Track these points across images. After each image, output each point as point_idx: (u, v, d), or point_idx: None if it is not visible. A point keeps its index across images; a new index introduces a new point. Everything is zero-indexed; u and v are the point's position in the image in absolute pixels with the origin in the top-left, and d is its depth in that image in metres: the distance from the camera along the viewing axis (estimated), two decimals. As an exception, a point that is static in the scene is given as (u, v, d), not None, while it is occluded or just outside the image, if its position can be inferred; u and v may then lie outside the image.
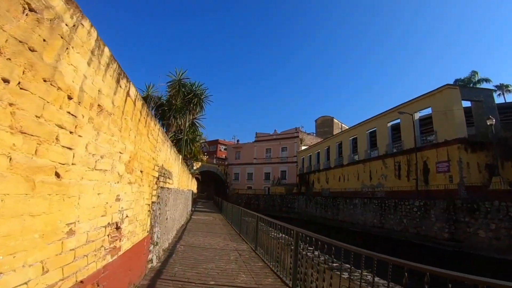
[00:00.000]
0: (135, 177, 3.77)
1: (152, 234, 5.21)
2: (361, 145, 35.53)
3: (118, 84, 2.89)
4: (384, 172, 30.26)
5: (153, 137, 4.84)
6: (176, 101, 18.19)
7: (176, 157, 8.76)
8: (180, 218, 11.86)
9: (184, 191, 13.55)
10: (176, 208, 9.54)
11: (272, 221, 6.36)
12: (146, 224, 4.70)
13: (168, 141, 6.64)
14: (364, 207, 28.50)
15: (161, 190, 5.95)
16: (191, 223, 14.08)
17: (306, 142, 62.39)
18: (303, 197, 43.72)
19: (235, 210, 13.42)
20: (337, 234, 27.86)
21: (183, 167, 11.71)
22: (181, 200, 11.58)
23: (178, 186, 9.79)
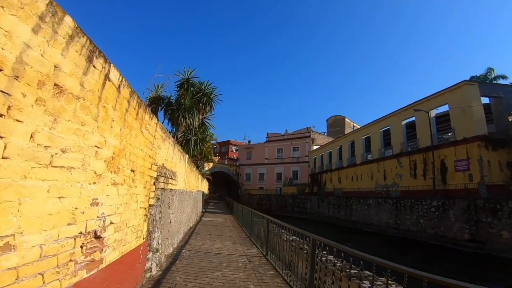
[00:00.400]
0: (123, 177, 3.26)
1: (151, 241, 4.69)
2: (374, 144, 34.53)
3: (90, 63, 2.37)
4: (399, 171, 29.26)
5: (148, 132, 4.33)
6: (185, 101, 17.79)
7: (182, 156, 8.27)
8: (188, 220, 11.39)
9: (193, 193, 13.07)
10: (182, 211, 9.05)
11: (285, 225, 5.75)
12: (142, 230, 4.19)
13: (170, 138, 6.13)
14: (379, 207, 27.68)
15: (161, 192, 5.45)
16: (200, 225, 13.60)
17: (318, 141, 61.46)
18: (315, 197, 42.94)
19: (245, 211, 12.89)
20: (351, 234, 27.14)
21: (190, 167, 11.23)
22: (188, 202, 11.10)
23: (185, 188, 9.31)
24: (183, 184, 8.77)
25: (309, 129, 59.90)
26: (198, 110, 18.65)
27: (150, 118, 4.40)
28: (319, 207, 40.63)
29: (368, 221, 29.10)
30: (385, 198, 27.48)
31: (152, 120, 4.54)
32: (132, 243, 3.75)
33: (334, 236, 25.89)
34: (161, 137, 5.19)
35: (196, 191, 14.87)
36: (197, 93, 19.10)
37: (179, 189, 8.00)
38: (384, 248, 21.18)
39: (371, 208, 28.83)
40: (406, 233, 23.83)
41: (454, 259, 17.41)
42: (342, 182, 40.68)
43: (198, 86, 19.71)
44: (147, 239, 4.48)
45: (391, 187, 29.92)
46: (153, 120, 4.56)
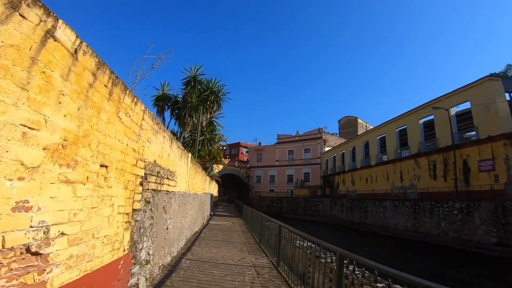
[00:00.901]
0: (84, 173, 2.47)
1: (136, 252, 3.89)
2: (390, 144, 33.24)
3: (14, 10, 1.61)
4: (417, 172, 27.93)
5: (131, 120, 3.54)
6: (192, 99, 17.09)
7: (183, 154, 7.49)
8: (192, 225, 10.62)
9: (198, 195, 12.30)
10: (184, 215, 8.26)
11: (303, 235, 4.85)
12: (122, 240, 3.39)
13: (166, 132, 5.34)
14: (396, 210, 26.51)
15: (153, 194, 4.65)
16: (207, 230, 12.81)
17: (330, 143, 60.20)
18: (327, 199, 41.78)
19: (254, 215, 12.03)
20: (366, 238, 26.03)
21: (195, 168, 10.44)
22: (193, 205, 10.33)
23: (187, 189, 8.54)
24: (184, 186, 7.98)
25: (321, 130, 58.69)
26: (205, 108, 17.93)
27: (134, 103, 3.61)
28: (331, 209, 39.47)
29: (384, 224, 27.92)
30: (403, 200, 26.26)
31: (137, 105, 3.75)
32: (104, 257, 2.95)
33: (349, 240, 24.86)
34: (151, 128, 4.40)
35: (202, 194, 14.10)
36: (204, 91, 18.40)
37: (180, 191, 7.21)
38: (403, 252, 20.06)
39: (388, 210, 27.63)
40: (425, 237, 22.63)
41: (483, 264, 16.23)
42: (356, 184, 39.40)
43: (205, 84, 19.01)
44: (130, 250, 3.68)
45: (408, 188, 28.61)
46: (138, 106, 3.77)
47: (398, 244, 22.92)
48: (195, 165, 10.34)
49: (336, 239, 25.89)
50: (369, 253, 19.02)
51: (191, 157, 8.95)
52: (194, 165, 10.23)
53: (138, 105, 3.80)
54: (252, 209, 13.51)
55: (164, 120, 18.82)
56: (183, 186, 7.75)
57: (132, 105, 3.56)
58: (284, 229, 6.10)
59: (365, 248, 20.58)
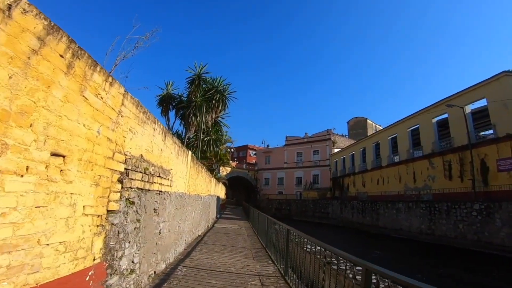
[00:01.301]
0: (22, 161, 1.88)
1: (113, 261, 3.29)
2: (402, 144, 32.22)
3: None
4: (431, 172, 26.89)
5: (104, 103, 2.95)
6: (196, 98, 16.57)
7: (181, 152, 6.90)
8: (194, 228, 10.02)
9: (202, 197, 11.69)
10: (183, 218, 7.66)
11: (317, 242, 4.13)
12: (90, 247, 2.79)
13: (157, 123, 4.73)
14: (409, 212, 25.55)
15: (140, 194, 4.06)
16: (211, 233, 12.18)
17: (339, 144, 59.16)
18: (337, 201, 40.86)
19: (261, 218, 11.34)
20: (378, 241, 25.11)
21: (197, 167, 9.84)
22: (194, 207, 9.74)
23: (187, 190, 7.94)
24: (183, 186, 7.38)
25: (330, 131, 57.70)
26: (210, 108, 17.39)
27: (108, 83, 3.02)
28: (342, 212, 38.55)
29: (397, 226, 26.96)
30: (417, 202, 25.30)
31: (114, 87, 3.16)
32: (61, 267, 2.35)
33: (360, 243, 23.97)
34: (135, 117, 3.81)
35: (207, 196, 13.49)
36: (209, 90, 17.87)
37: (177, 192, 6.62)
38: (418, 255, 19.13)
39: (401, 212, 26.66)
40: (442, 239, 21.65)
41: (506, 267, 15.23)
42: (367, 185, 38.38)
43: (210, 83, 18.49)
44: (104, 259, 3.08)
45: (422, 190, 27.56)
46: (115, 88, 3.18)
47: (413, 247, 21.99)
48: (196, 164, 9.74)
49: (347, 242, 25.02)
50: (383, 257, 18.16)
51: (191, 156, 8.35)
52: (196, 165, 9.63)
53: (115, 87, 3.21)
54: (259, 212, 12.83)
55: (168, 121, 18.38)
56: (182, 186, 7.15)
57: (105, 85, 2.97)
58: (293, 233, 5.43)
59: (377, 252, 19.71)
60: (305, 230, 17.52)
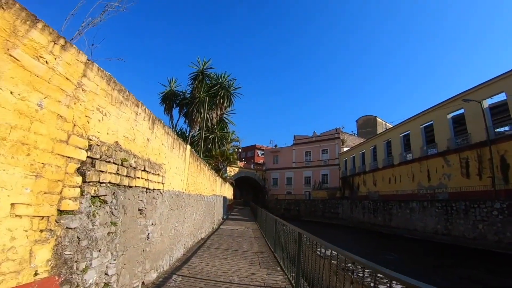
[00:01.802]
0: None
1: (72, 275, 2.52)
2: (414, 141, 31.02)
3: None
4: (446, 170, 25.69)
5: (52, 70, 2.21)
6: (200, 94, 15.84)
7: (177, 145, 6.12)
8: (196, 230, 9.27)
9: (205, 197, 10.94)
10: (181, 219, 6.88)
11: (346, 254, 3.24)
12: (27, 259, 2.03)
13: (140, 107, 3.93)
14: (424, 212, 24.48)
15: (117, 191, 3.31)
16: (216, 236, 11.39)
17: (348, 143, 57.96)
18: (347, 201, 39.79)
19: (269, 219, 10.49)
20: (391, 242, 24.09)
21: (198, 164, 9.05)
22: (196, 208, 8.98)
23: (186, 189, 7.17)
24: (181, 184, 6.62)
25: (338, 130, 56.53)
26: (215, 104, 16.64)
27: (59, 46, 2.27)
28: (352, 212, 37.49)
29: (410, 226, 25.87)
30: (432, 201, 24.17)
31: (68, 52, 2.40)
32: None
33: (373, 244, 22.95)
34: (105, 94, 3.04)
35: (211, 196, 12.73)
36: (213, 86, 17.13)
37: (172, 191, 5.85)
38: (435, 257, 18.07)
39: (415, 212, 25.56)
40: (459, 240, 20.56)
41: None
42: (378, 184, 37.21)
43: (215, 79, 17.75)
44: (56, 273, 2.31)
45: (437, 188, 26.36)
46: (69, 53, 2.43)
47: (428, 248, 20.94)
48: (198, 161, 8.97)
49: (358, 243, 24.07)
50: (399, 259, 17.19)
51: (190, 151, 7.59)
52: (197, 161, 8.86)
53: (72, 52, 2.45)
54: (267, 213, 11.97)
55: (172, 119, 17.72)
56: (178, 184, 6.39)
57: (52, 48, 2.21)
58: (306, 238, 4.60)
59: (392, 254, 18.70)
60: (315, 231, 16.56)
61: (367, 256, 12.16)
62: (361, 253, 13.66)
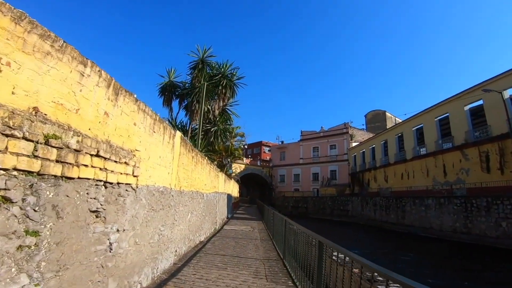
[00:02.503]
0: None
1: None
2: (428, 135, 29.49)
3: None
4: (464, 165, 24.18)
5: None
6: (200, 83, 14.68)
7: (162, 129, 4.94)
8: (193, 233, 8.14)
9: (205, 195, 9.79)
10: (170, 222, 5.69)
11: None
12: None
13: (90, 67, 2.80)
14: (440, 208, 23.16)
15: (38, 185, 2.17)
16: (217, 238, 10.20)
17: (357, 138, 56.46)
18: (357, 198, 38.45)
19: (277, 220, 9.23)
20: (406, 241, 22.80)
21: (193, 156, 7.78)
22: (192, 207, 7.85)
23: (176, 185, 6.00)
24: (167, 179, 5.44)
25: (347, 124, 54.92)
26: (217, 95, 15.48)
27: None
28: (363, 209, 36.19)
29: (426, 224, 24.55)
30: (449, 197, 22.78)
31: None
32: None
33: (387, 243, 21.59)
34: (10, 35, 1.90)
35: (212, 193, 11.58)
36: (215, 76, 15.96)
37: (153, 186, 4.69)
38: (457, 258, 16.70)
39: (430, 209, 24.21)
40: (480, 239, 19.22)
41: None
42: (390, 180, 35.72)
43: (216, 68, 16.57)
44: None
45: (454, 184, 24.85)
46: None
47: (446, 247, 19.59)
48: (192, 151, 7.73)
49: (372, 242, 22.79)
50: (416, 260, 15.89)
51: (181, 138, 6.40)
52: (191, 152, 7.63)
53: None
54: (274, 212, 10.71)
55: (171, 111, 16.60)
56: (163, 178, 5.24)
57: None
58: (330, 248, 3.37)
59: (409, 254, 17.39)
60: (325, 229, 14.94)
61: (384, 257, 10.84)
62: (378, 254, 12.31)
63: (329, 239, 3.23)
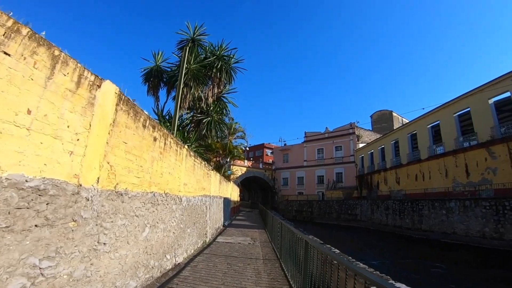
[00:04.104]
0: None
1: None
2: (446, 132, 26.98)
3: None
4: (490, 164, 21.65)
5: None
6: (190, 65, 12.30)
7: (39, 53, 2.60)
8: (161, 255, 5.66)
9: (186, 199, 7.29)
10: (68, 250, 3.29)
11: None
12: None
13: None
14: (466, 212, 20.68)
15: None
16: (204, 257, 7.57)
17: (364, 138, 53.91)
18: (367, 202, 35.84)
19: (285, 232, 6.61)
20: (425, 248, 20.28)
21: (156, 137, 5.21)
22: (161, 217, 5.42)
23: (108, 182, 3.60)
24: (65, 164, 2.97)
25: (353, 124, 52.43)
26: (210, 78, 13.11)
27: None
28: (373, 213, 33.59)
29: (448, 229, 22.05)
30: (476, 200, 20.20)
31: None
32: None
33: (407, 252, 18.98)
34: None
35: (199, 197, 9.10)
36: (208, 58, 13.62)
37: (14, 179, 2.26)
38: (497, 267, 14.20)
39: (453, 213, 21.69)
40: (515, 245, 16.69)
41: None
42: (402, 182, 33.16)
43: (210, 51, 14.21)
44: None
45: (478, 185, 22.30)
46: None
47: (477, 255, 17.07)
48: (151, 127, 5.10)
49: (391, 250, 20.22)
50: (450, 272, 13.40)
51: (118, 95, 3.83)
52: (149, 127, 5.01)
53: None
54: (282, 222, 7.91)
55: (158, 100, 14.22)
56: (41, 161, 2.73)
57: None
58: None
59: (438, 264, 14.85)
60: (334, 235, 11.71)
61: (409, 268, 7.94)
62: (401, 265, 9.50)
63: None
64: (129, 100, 4.11)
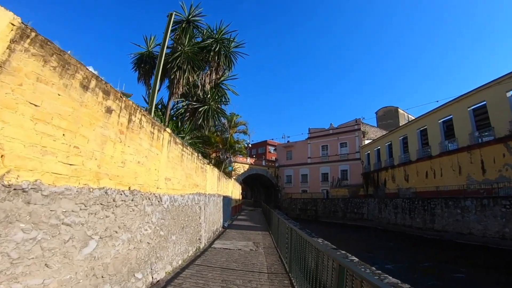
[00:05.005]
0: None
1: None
2: (459, 127, 25.52)
3: None
4: (509, 160, 20.24)
5: None
6: (184, 47, 11.00)
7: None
8: (126, 275, 4.30)
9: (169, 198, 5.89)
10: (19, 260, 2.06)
11: None
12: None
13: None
14: (483, 211, 19.38)
15: None
16: (193, 271, 6.18)
17: (370, 135, 52.49)
18: (374, 200, 34.48)
19: (295, 239, 5.38)
20: (438, 249, 18.98)
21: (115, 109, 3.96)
22: (125, 223, 4.08)
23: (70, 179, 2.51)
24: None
25: (359, 121, 50.95)
26: (208, 63, 11.82)
27: None
28: (380, 212, 32.25)
29: (463, 229, 20.73)
30: (494, 198, 18.82)
31: None
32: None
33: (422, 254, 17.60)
34: None
35: (190, 195, 7.77)
36: (205, 40, 12.33)
37: None
38: None
39: (469, 212, 20.36)
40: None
41: None
42: (411, 180, 31.74)
43: (207, 33, 12.89)
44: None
45: (496, 182, 20.87)
46: None
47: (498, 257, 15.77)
48: (118, 100, 3.89)
49: (405, 252, 18.90)
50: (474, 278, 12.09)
51: (31, 40, 2.54)
52: (116, 102, 3.86)
53: None
54: (291, 227, 6.11)
55: (150, 88, 12.90)
56: None
57: None
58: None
59: (462, 270, 13.52)
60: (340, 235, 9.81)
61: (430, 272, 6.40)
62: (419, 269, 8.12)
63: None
64: (52, 43, 2.77)
